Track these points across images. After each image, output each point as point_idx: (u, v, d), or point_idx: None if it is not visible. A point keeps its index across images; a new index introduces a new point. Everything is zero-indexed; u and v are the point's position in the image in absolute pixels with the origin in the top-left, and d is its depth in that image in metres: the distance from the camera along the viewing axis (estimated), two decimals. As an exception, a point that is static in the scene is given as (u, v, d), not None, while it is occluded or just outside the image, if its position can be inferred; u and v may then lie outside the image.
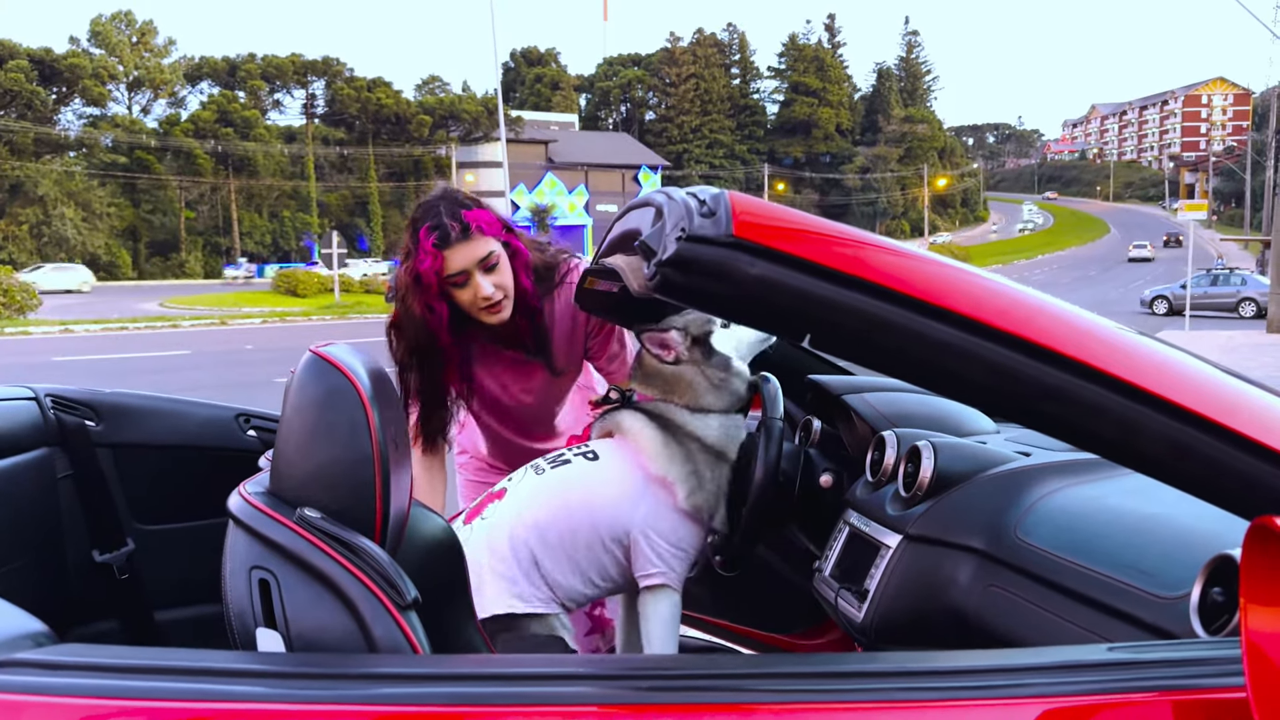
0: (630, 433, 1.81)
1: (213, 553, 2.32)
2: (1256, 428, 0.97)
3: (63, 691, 0.86)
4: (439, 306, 1.95)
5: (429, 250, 1.88)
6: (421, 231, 1.89)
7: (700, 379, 1.84)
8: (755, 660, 1.37)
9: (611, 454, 1.82)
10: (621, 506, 1.78)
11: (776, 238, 1.02)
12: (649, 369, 1.88)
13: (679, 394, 1.85)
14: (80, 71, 56.47)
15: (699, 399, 1.84)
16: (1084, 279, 48.01)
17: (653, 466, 1.78)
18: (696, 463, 1.80)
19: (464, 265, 1.91)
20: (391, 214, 64.26)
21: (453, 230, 1.88)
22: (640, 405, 1.87)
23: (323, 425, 1.11)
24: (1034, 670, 0.93)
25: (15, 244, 50.28)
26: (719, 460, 1.84)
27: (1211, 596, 1.08)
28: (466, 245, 1.90)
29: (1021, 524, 1.49)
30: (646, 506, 1.78)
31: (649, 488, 1.79)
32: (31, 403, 2.13)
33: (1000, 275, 1.12)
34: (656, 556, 1.78)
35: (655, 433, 1.80)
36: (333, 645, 1.01)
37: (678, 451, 1.79)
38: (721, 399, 1.85)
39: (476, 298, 1.94)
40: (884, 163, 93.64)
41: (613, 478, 1.79)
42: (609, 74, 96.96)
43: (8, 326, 21.12)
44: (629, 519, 1.78)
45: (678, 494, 1.78)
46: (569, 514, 1.77)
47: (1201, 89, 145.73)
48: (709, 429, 1.83)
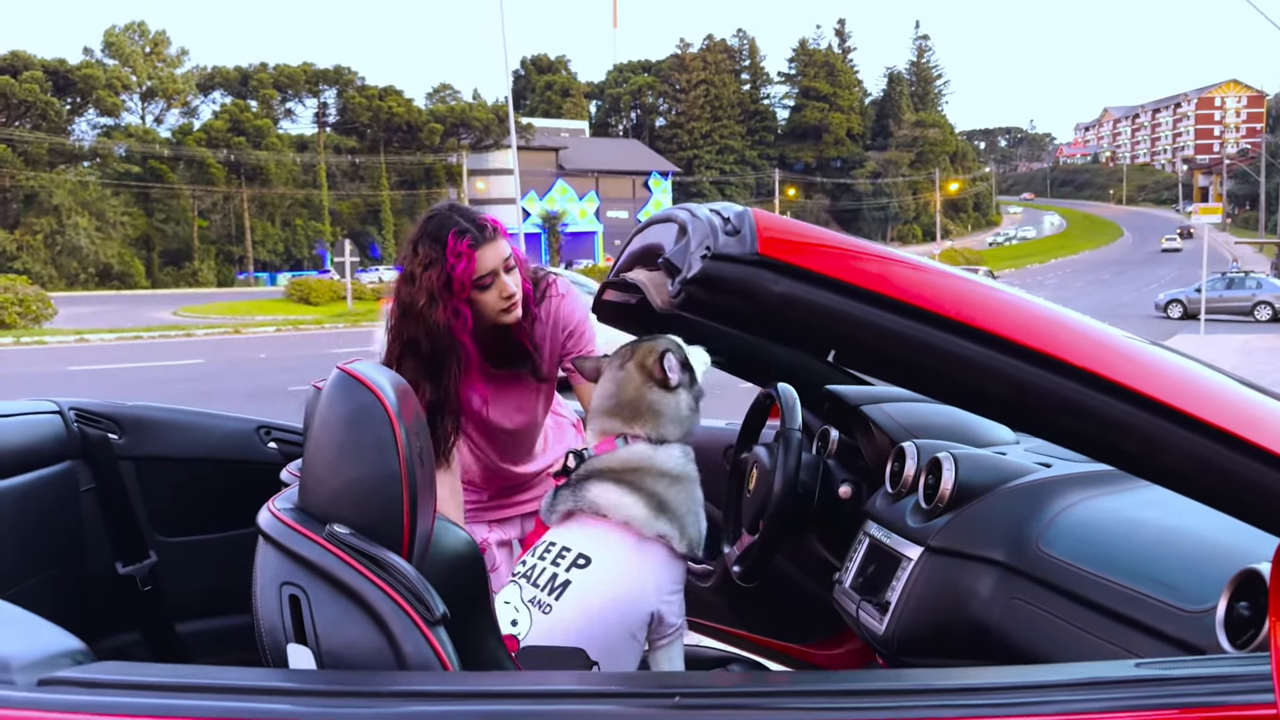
0: (610, 508, 1.72)
1: (234, 565, 2.33)
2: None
3: (104, 710, 0.87)
4: (465, 310, 2.00)
5: (462, 252, 1.95)
6: (450, 237, 1.96)
7: (674, 408, 1.80)
8: (782, 677, 1.38)
9: (602, 549, 1.71)
10: (636, 592, 1.71)
11: (801, 255, 1.03)
12: (626, 397, 1.81)
13: (644, 423, 1.79)
14: (94, 82, 56.92)
15: (661, 429, 1.79)
16: (1097, 282, 47.79)
17: (645, 531, 1.72)
18: (674, 503, 1.75)
19: (493, 265, 2.00)
20: (403, 222, 64.41)
21: (483, 231, 1.98)
22: (601, 468, 1.77)
23: (351, 442, 1.12)
24: (1061, 687, 0.93)
25: (29, 254, 50.66)
26: (686, 485, 1.79)
27: (1237, 610, 1.08)
28: (494, 246, 2.00)
29: (1043, 536, 1.49)
30: (653, 575, 1.73)
31: (648, 555, 1.73)
32: (55, 416, 2.15)
33: (1018, 288, 1.12)
34: (673, 614, 1.76)
35: (633, 496, 1.73)
36: (363, 662, 1.02)
37: (655, 501, 1.73)
38: (680, 429, 1.81)
39: (499, 297, 2.02)
40: (895, 167, 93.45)
41: (618, 571, 1.71)
42: (619, 80, 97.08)
43: (24, 336, 21.27)
44: (648, 600, 1.72)
45: (673, 543, 1.74)
46: (598, 630, 1.68)
47: (1215, 91, 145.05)
48: (673, 460, 1.78)
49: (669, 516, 1.74)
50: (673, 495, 1.76)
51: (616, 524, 1.72)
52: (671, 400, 1.80)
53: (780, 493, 1.90)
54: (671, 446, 1.79)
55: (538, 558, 1.73)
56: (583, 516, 1.74)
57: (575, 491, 1.76)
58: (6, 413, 2.04)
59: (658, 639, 1.76)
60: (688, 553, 1.77)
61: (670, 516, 1.74)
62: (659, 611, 1.73)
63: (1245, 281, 28.69)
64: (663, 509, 1.74)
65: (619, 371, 1.83)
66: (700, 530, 1.80)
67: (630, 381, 1.82)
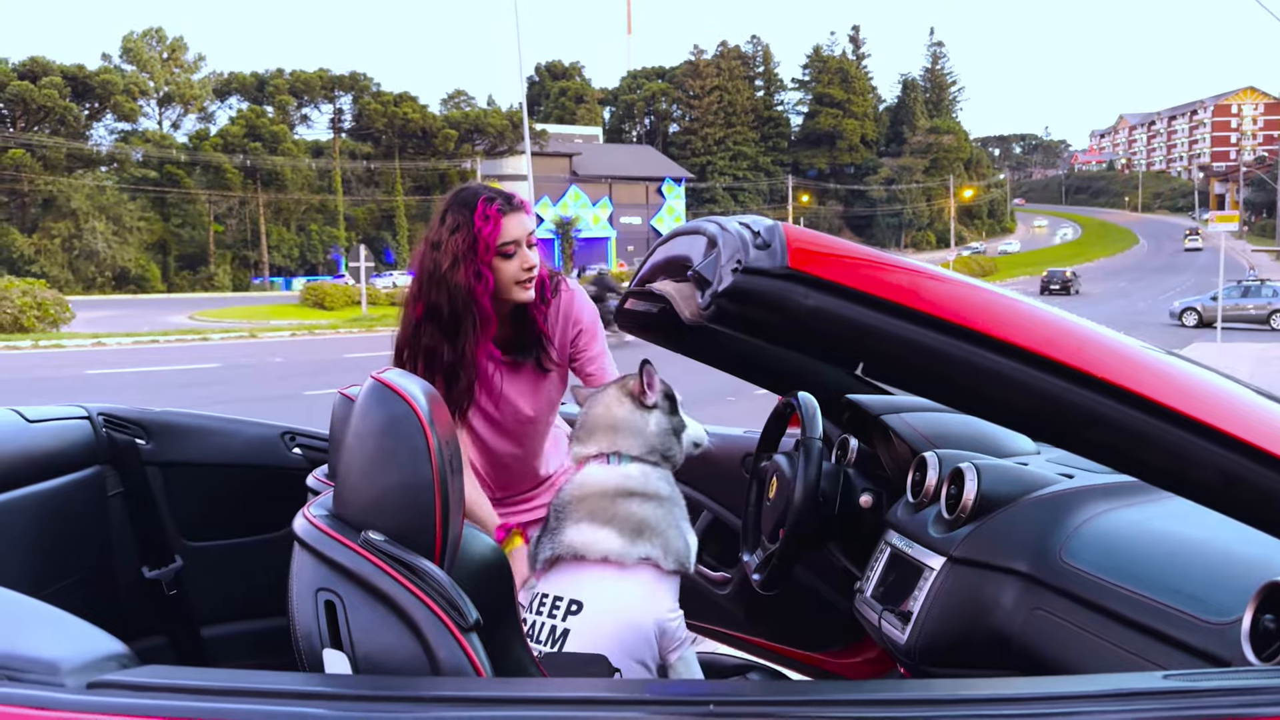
0: (586, 548, 1.72)
1: (259, 570, 2.36)
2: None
3: (150, 713, 0.89)
4: (487, 273, 2.05)
5: (491, 215, 2.04)
6: (480, 201, 2.05)
7: (637, 424, 1.79)
8: (806, 686, 1.39)
9: (591, 591, 1.71)
10: (634, 623, 1.71)
11: (831, 269, 1.04)
12: (590, 415, 1.82)
13: (601, 441, 1.78)
14: (112, 88, 57.36)
15: (619, 444, 1.78)
16: (1114, 290, 47.58)
17: (627, 560, 1.71)
18: (650, 520, 1.74)
19: (517, 235, 2.07)
20: (417, 227, 64.55)
21: (510, 201, 2.09)
22: (568, 501, 1.76)
23: (385, 451, 1.14)
24: (1088, 698, 0.94)
25: (47, 257, 51.02)
26: (658, 501, 1.76)
27: (1263, 623, 1.09)
28: (520, 216, 2.09)
29: (1066, 547, 1.50)
30: (647, 602, 1.72)
31: (637, 583, 1.72)
32: (84, 421, 2.18)
33: (1047, 303, 1.13)
34: (678, 627, 1.76)
35: (606, 529, 1.72)
36: (398, 667, 1.04)
37: (630, 525, 1.72)
38: (642, 445, 1.79)
39: (520, 268, 2.09)
40: (909, 174, 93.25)
41: (612, 610, 1.70)
42: (633, 87, 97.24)
43: (42, 339, 21.42)
44: (647, 627, 1.71)
45: (660, 562, 1.73)
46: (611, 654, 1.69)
47: (1231, 98, 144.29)
48: (631, 479, 1.75)
49: (648, 536, 1.73)
50: (647, 513, 1.74)
51: (596, 561, 1.71)
52: (638, 416, 1.79)
53: (800, 501, 1.91)
54: (629, 465, 1.76)
55: (534, 613, 1.73)
56: (564, 562, 1.74)
57: (552, 537, 1.76)
58: (37, 418, 2.06)
59: (669, 651, 1.75)
60: (676, 568, 1.75)
61: (650, 535, 1.73)
62: (662, 628, 1.72)
63: (1261, 290, 28.67)
64: (640, 530, 1.72)
65: (598, 393, 1.86)
66: (685, 543, 1.78)
67: (600, 401, 1.83)
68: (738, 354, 2.16)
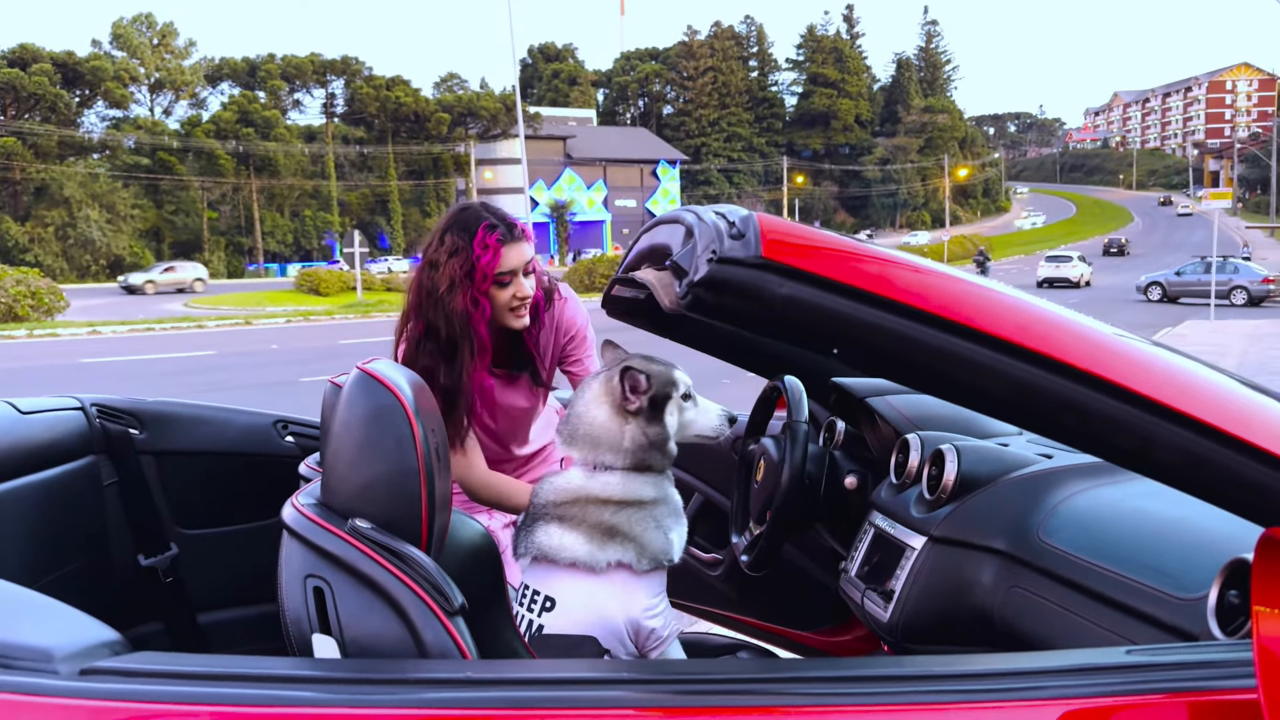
0: (554, 551, 1.68)
1: (253, 557, 2.38)
2: (1270, 439, 1.00)
3: (142, 698, 0.91)
4: (484, 301, 2.06)
5: (490, 244, 2.03)
6: (481, 229, 2.04)
7: (612, 437, 1.70)
8: (785, 664, 1.42)
9: (562, 590, 1.69)
10: (603, 622, 1.69)
11: (804, 258, 1.06)
12: (573, 412, 1.75)
13: (580, 448, 1.72)
14: (102, 74, 57.05)
15: (599, 457, 1.70)
16: (1107, 267, 47.59)
17: (595, 565, 1.67)
18: (622, 526, 1.69)
19: (515, 264, 2.07)
20: (411, 212, 64.54)
21: (512, 230, 2.08)
22: (543, 503, 1.72)
23: (371, 440, 1.16)
24: (1054, 673, 0.97)
25: (41, 246, 50.87)
26: (635, 507, 1.70)
27: (1228, 599, 1.12)
28: (519, 246, 2.08)
29: (1044, 526, 1.53)
30: (617, 602, 1.69)
31: (608, 586, 1.68)
32: (78, 412, 2.20)
33: (1021, 291, 1.15)
34: (656, 625, 1.73)
35: (574, 534, 1.68)
36: (385, 650, 1.06)
37: (600, 530, 1.69)
38: (620, 460, 1.70)
39: (513, 297, 2.09)
40: (904, 154, 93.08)
41: (580, 611, 1.68)
42: (626, 68, 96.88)
43: (37, 328, 21.40)
44: (616, 625, 1.69)
45: (633, 565, 1.68)
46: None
47: (1226, 75, 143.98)
48: (609, 488, 1.69)
49: (620, 540, 1.68)
50: (620, 519, 1.68)
51: (565, 565, 1.68)
52: (614, 426, 1.70)
53: (787, 484, 1.93)
54: (609, 474, 1.69)
55: (518, 604, 1.72)
56: (538, 561, 1.72)
57: (525, 536, 1.73)
58: (30, 409, 2.08)
59: (648, 650, 1.72)
60: (653, 567, 1.71)
61: (622, 540, 1.68)
62: (636, 626, 1.69)
63: (1224, 266, 29.58)
64: (611, 534, 1.68)
65: (584, 387, 1.77)
66: (664, 542, 1.71)
67: (583, 398, 1.75)
68: (724, 339, 2.18)
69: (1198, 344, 15.93)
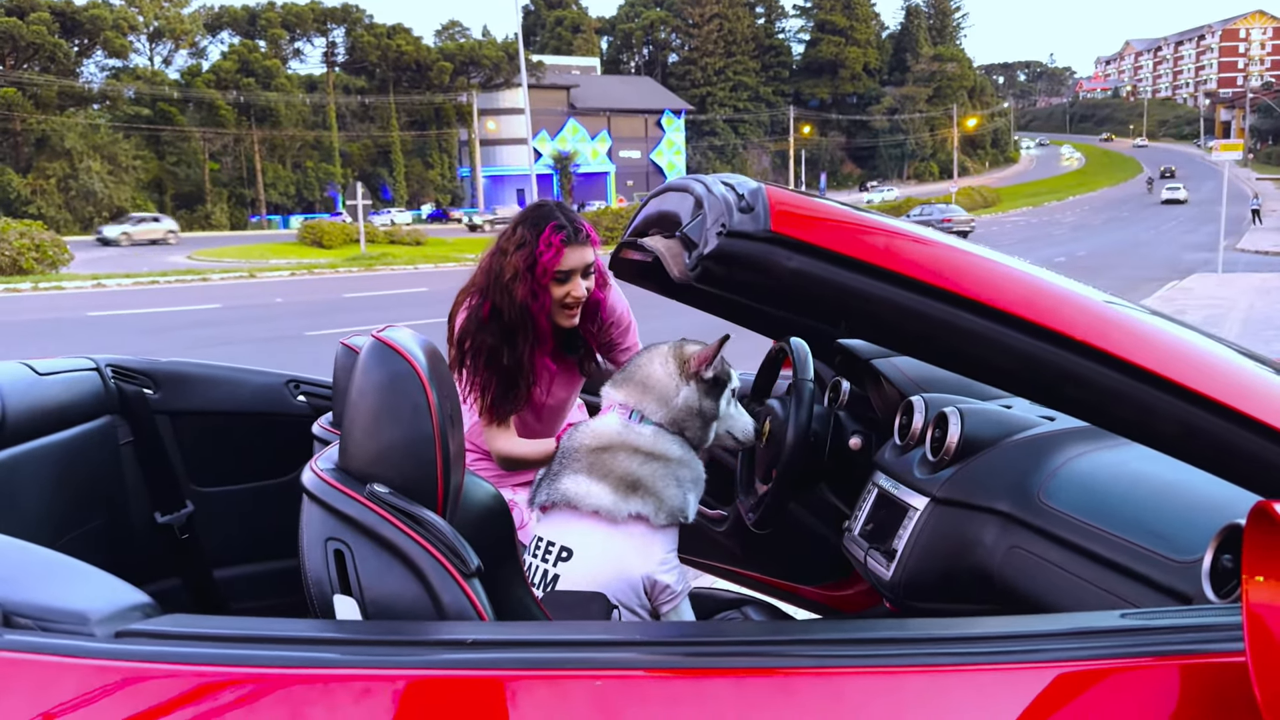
0: (578, 499, 1.75)
1: (267, 513, 2.42)
2: (1265, 410, 1.03)
3: (175, 659, 0.93)
4: (543, 295, 2.18)
5: (554, 243, 2.14)
6: (549, 228, 2.16)
7: (667, 390, 1.79)
8: (791, 626, 1.45)
9: (580, 541, 1.75)
10: (621, 573, 1.74)
11: (812, 231, 1.08)
12: (634, 364, 1.84)
13: (629, 392, 1.81)
14: (101, 23, 56.39)
15: (644, 405, 1.79)
16: (1116, 220, 47.23)
17: (617, 515, 1.73)
18: (646, 479, 1.76)
19: (575, 265, 2.18)
20: (414, 163, 64.13)
21: (578, 234, 2.18)
22: (573, 449, 1.79)
23: (387, 408, 1.19)
24: (1050, 636, 1.00)
25: (43, 198, 50.68)
26: (661, 461, 1.77)
27: (1222, 562, 1.15)
28: (582, 249, 2.19)
29: (1045, 488, 1.56)
30: (636, 554, 1.75)
31: (627, 538, 1.74)
32: (93, 373, 2.24)
33: (1025, 261, 1.17)
34: (671, 580, 1.78)
35: (600, 484, 1.75)
36: (405, 612, 1.10)
37: (625, 482, 1.75)
38: (664, 413, 1.79)
39: (568, 296, 2.20)
40: (912, 103, 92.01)
41: (597, 561, 1.73)
42: (630, 15, 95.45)
43: (42, 281, 21.42)
44: (634, 577, 1.75)
45: (650, 518, 1.75)
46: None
47: (1240, 23, 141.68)
48: (641, 438, 1.77)
49: (642, 493, 1.74)
50: (645, 472, 1.75)
51: (588, 513, 1.74)
52: (672, 383, 1.79)
53: (793, 443, 1.97)
54: (645, 425, 1.78)
55: (532, 555, 1.78)
56: (559, 509, 1.77)
57: (550, 483, 1.79)
58: (47, 371, 2.11)
59: (661, 603, 1.78)
60: (670, 522, 1.78)
61: (643, 493, 1.75)
62: (652, 580, 1.75)
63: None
64: (634, 487, 1.74)
65: (655, 345, 1.88)
66: (682, 499, 1.79)
67: (650, 352, 1.85)
68: (731, 303, 2.20)
69: (1205, 297, 15.88)
